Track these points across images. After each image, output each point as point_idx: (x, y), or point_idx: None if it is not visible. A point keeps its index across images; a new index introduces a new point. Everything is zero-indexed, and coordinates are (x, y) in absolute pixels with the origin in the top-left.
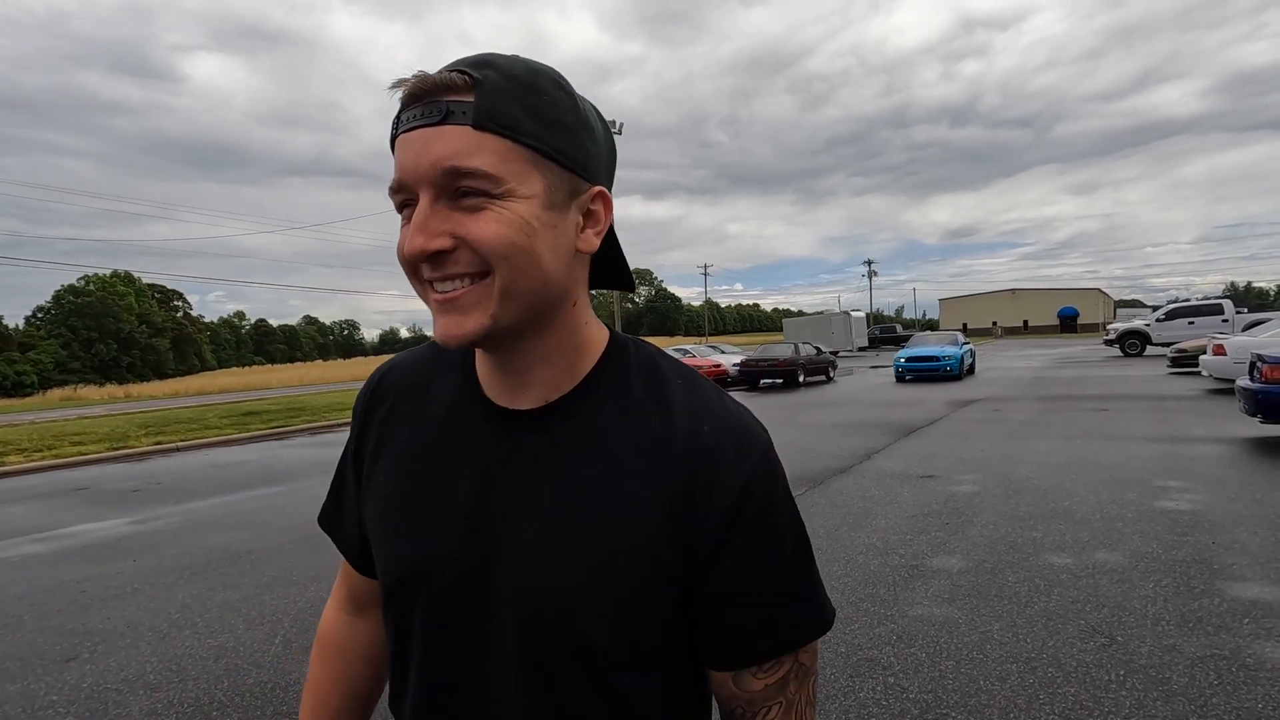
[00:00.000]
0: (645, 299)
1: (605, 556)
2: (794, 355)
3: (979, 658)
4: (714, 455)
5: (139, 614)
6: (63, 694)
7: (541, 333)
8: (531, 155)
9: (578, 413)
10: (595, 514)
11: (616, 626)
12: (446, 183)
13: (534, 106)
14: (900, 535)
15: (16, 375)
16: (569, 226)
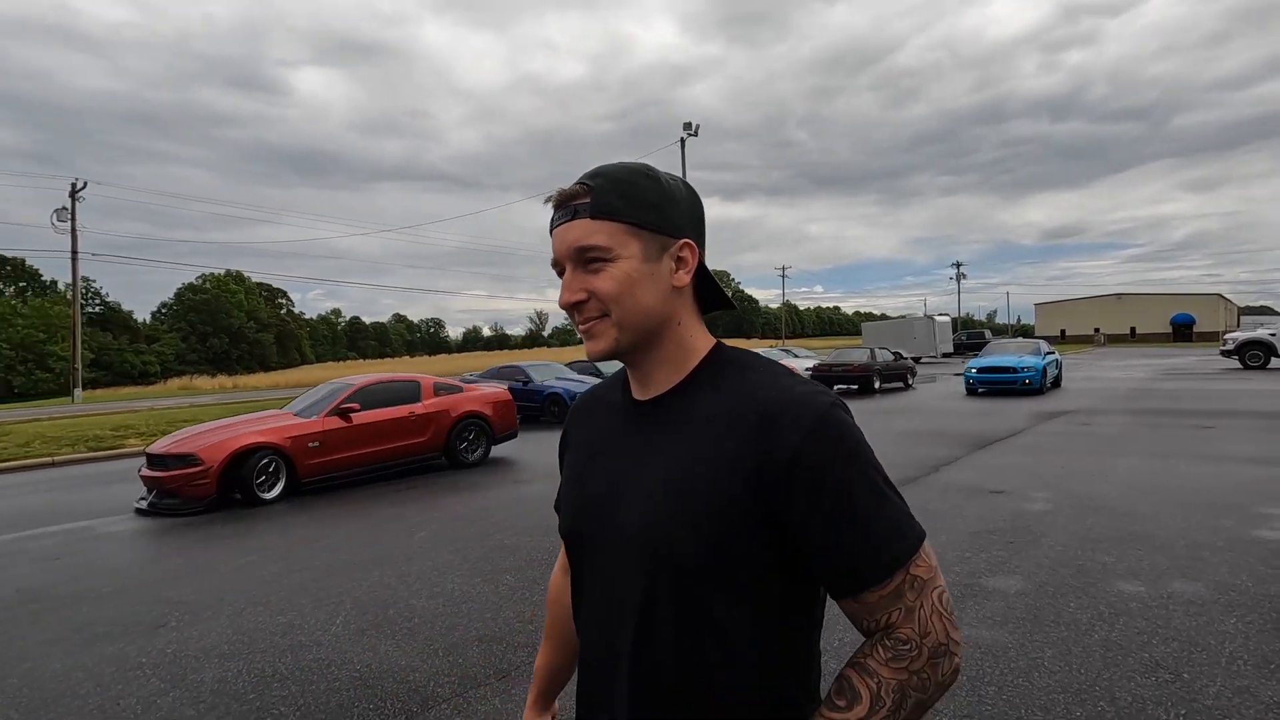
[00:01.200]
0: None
1: (686, 494)
2: (869, 360)
3: (1024, 685)
4: (774, 422)
5: (222, 589)
6: (150, 657)
7: (655, 346)
8: (629, 228)
9: (680, 399)
10: (682, 467)
11: (700, 547)
12: (578, 256)
13: (628, 195)
14: (958, 552)
15: (143, 365)
16: (664, 271)
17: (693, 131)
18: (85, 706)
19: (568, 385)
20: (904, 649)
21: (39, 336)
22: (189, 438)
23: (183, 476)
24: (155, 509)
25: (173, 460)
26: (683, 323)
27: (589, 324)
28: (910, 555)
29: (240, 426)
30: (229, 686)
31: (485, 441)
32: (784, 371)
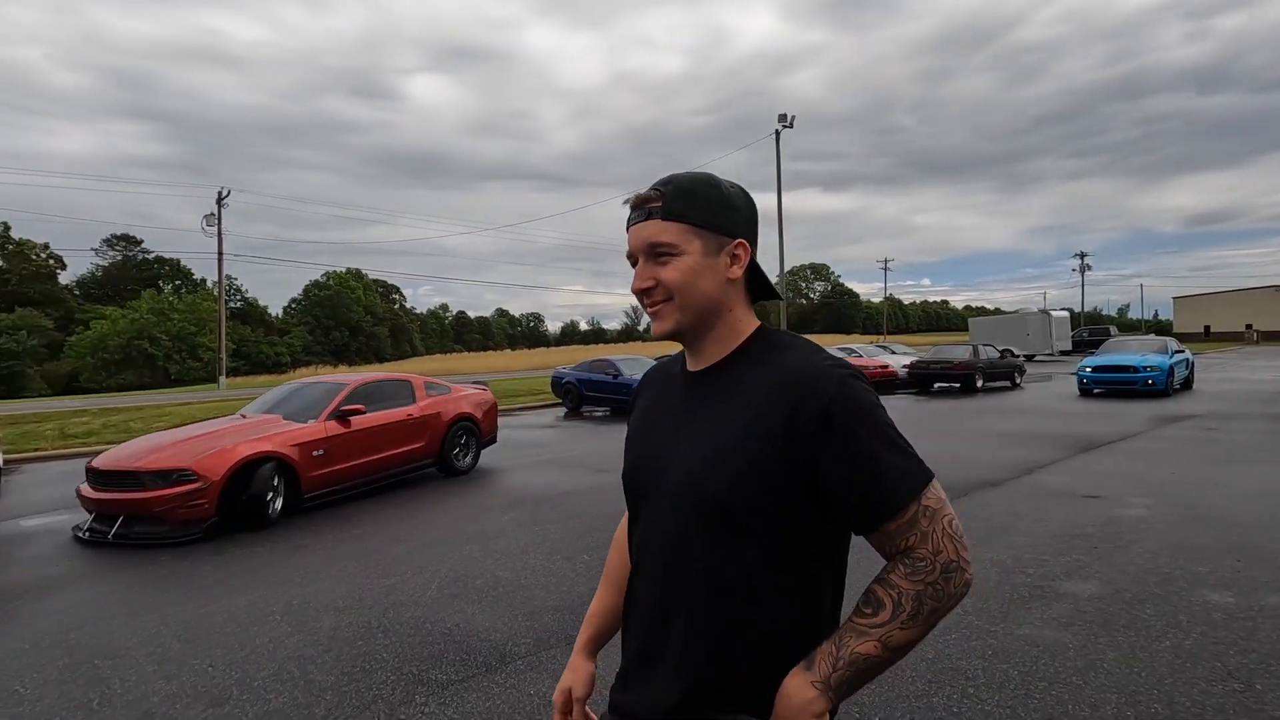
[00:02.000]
0: (821, 295)
1: (727, 449)
2: (971, 358)
3: (1077, 683)
4: (806, 388)
5: (336, 556)
6: (278, 607)
7: (711, 326)
8: (693, 229)
9: (726, 371)
10: (723, 424)
11: (731, 488)
12: (650, 250)
13: (693, 201)
14: (1035, 554)
15: (276, 355)
16: (720, 265)
17: (787, 123)
18: (228, 641)
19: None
20: (920, 565)
21: (191, 329)
22: (165, 449)
23: (172, 497)
24: (124, 539)
25: (152, 478)
26: (734, 309)
27: (656, 307)
28: (921, 490)
29: (228, 434)
30: (341, 634)
31: (475, 446)
32: (816, 349)
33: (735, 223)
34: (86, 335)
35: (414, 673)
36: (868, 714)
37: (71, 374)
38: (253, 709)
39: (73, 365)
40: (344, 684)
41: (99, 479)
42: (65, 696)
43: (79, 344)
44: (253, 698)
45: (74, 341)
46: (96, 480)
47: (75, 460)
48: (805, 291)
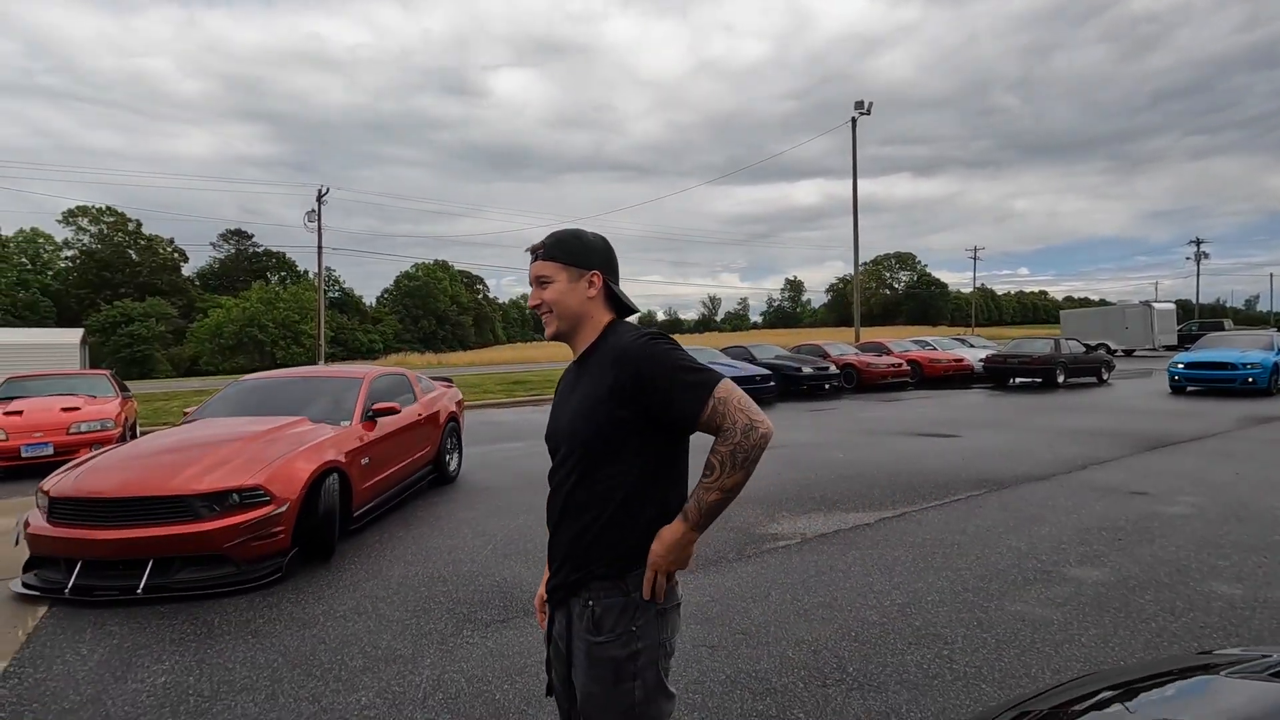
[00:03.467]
0: (906, 285)
1: (584, 408)
2: (1052, 352)
3: (1048, 653)
4: (622, 355)
5: (407, 520)
6: (351, 557)
7: (579, 329)
8: (561, 265)
9: (588, 358)
10: (584, 392)
11: (592, 433)
12: (537, 280)
13: (562, 248)
14: (1055, 544)
15: (369, 342)
16: (581, 287)
17: (865, 110)
18: (316, 581)
19: (720, 369)
20: (727, 434)
21: (295, 317)
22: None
23: (242, 527)
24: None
25: (206, 502)
26: (593, 317)
27: (544, 316)
28: (711, 390)
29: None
30: (409, 581)
31: (460, 449)
32: (630, 330)
33: (590, 260)
34: (205, 322)
35: (464, 613)
36: (845, 664)
37: (193, 358)
38: (335, 631)
39: (194, 350)
40: (407, 618)
41: (93, 511)
42: (190, 611)
43: (199, 330)
44: (335, 623)
45: (195, 328)
46: (86, 513)
47: None
48: (889, 281)
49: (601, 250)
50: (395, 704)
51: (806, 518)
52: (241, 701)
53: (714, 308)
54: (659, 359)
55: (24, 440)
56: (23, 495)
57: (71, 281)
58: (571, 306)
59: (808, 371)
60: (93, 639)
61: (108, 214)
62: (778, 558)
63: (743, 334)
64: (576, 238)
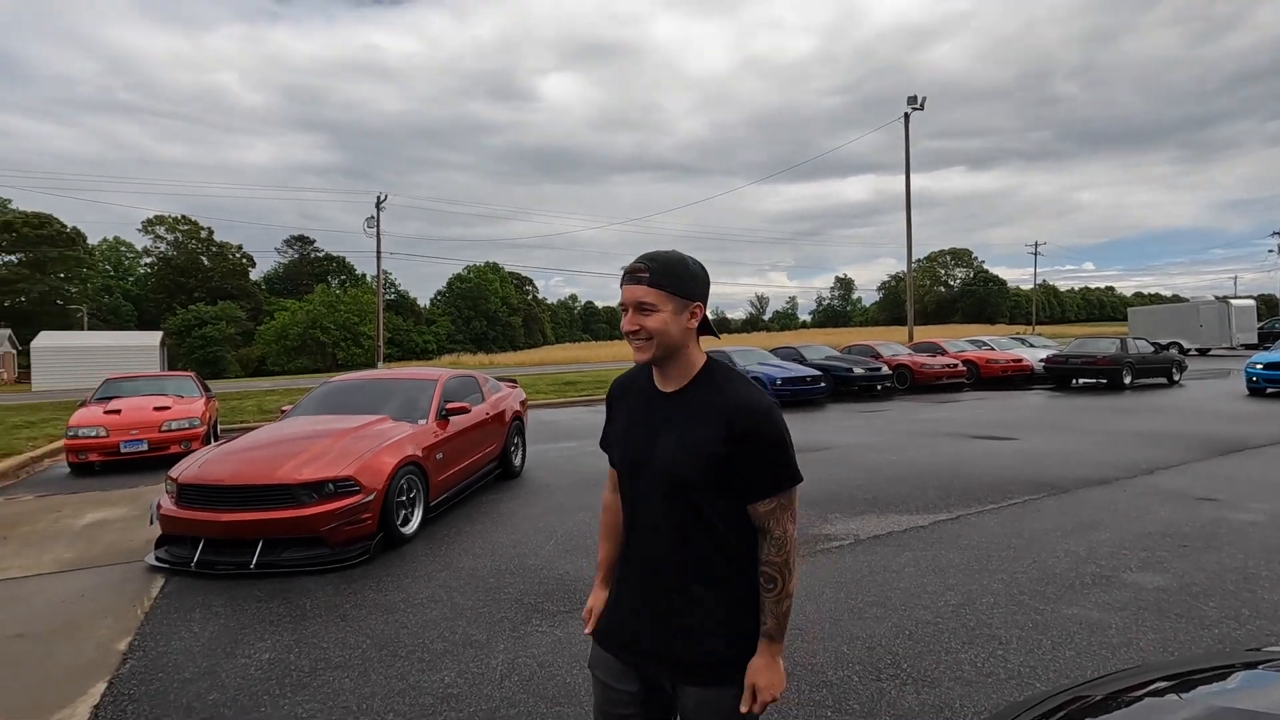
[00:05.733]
0: (962, 282)
1: (691, 445)
2: (1117, 352)
3: (1104, 656)
4: (742, 408)
5: (477, 517)
6: (429, 548)
7: (673, 360)
8: (667, 294)
9: (686, 394)
10: (690, 432)
11: (696, 470)
12: (638, 305)
13: (670, 276)
14: (1114, 549)
15: (424, 343)
16: (684, 319)
17: (918, 105)
18: (395, 570)
19: (768, 370)
20: (777, 542)
21: (354, 319)
22: (302, 456)
23: (336, 513)
24: (271, 567)
25: (306, 490)
26: (689, 348)
27: (639, 343)
28: (795, 484)
29: (352, 436)
30: (478, 573)
31: (523, 446)
32: (746, 383)
33: (695, 291)
34: (271, 325)
35: (532, 603)
36: (899, 660)
37: (260, 358)
38: (414, 617)
39: (261, 351)
40: (479, 607)
41: (215, 497)
42: (285, 596)
43: (265, 332)
44: (413, 610)
45: (262, 330)
46: (210, 498)
47: None
48: (944, 278)
49: (704, 281)
50: (474, 684)
51: (859, 519)
52: (338, 678)
53: (761, 307)
54: (776, 426)
55: (122, 437)
56: (123, 488)
57: (150, 286)
58: (673, 337)
59: (859, 372)
60: (202, 618)
61: (182, 222)
62: (831, 558)
63: (791, 333)
64: (684, 265)
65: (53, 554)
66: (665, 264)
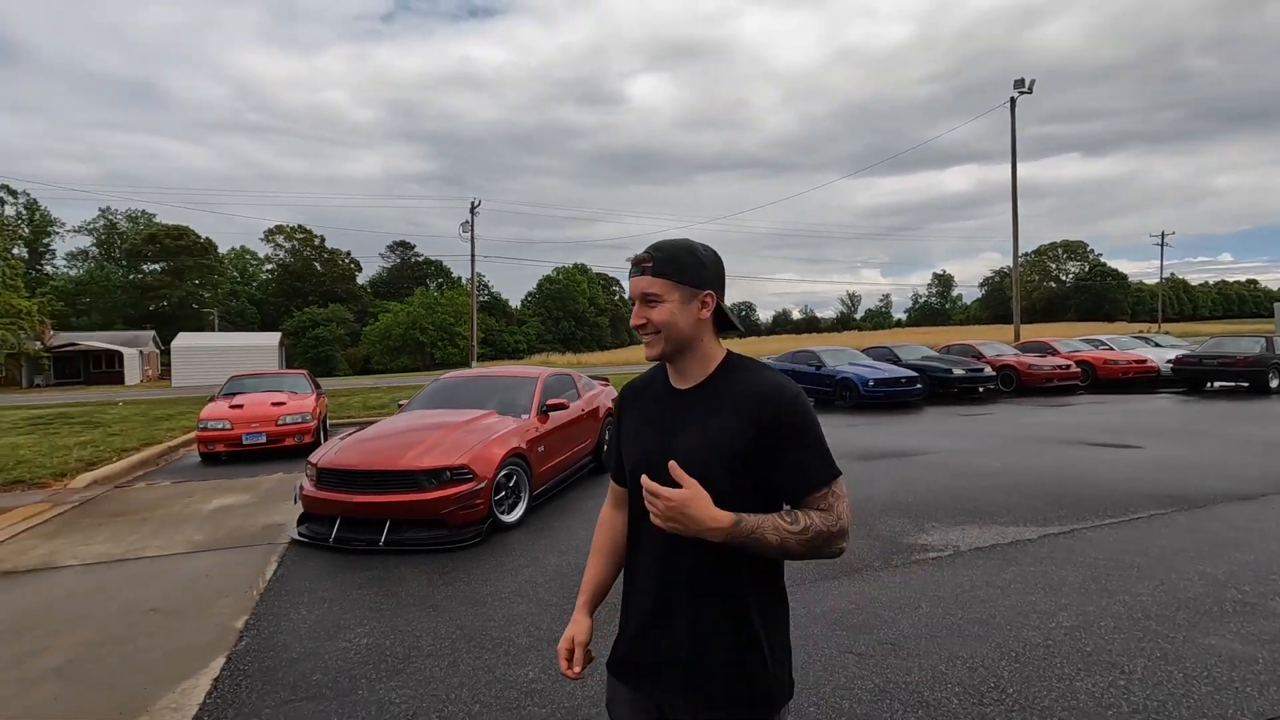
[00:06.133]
0: (1075, 277)
1: (716, 443)
2: (1261, 353)
3: (1249, 694)
4: (764, 397)
5: (564, 514)
6: (515, 547)
7: (687, 354)
8: (673, 283)
9: (704, 389)
10: (708, 427)
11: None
12: (643, 297)
13: (673, 263)
14: (1261, 573)
15: (515, 343)
16: (693, 308)
17: (1026, 88)
18: (482, 563)
19: (859, 371)
20: (830, 518)
21: (450, 320)
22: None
23: (453, 498)
24: (396, 545)
25: (427, 477)
26: (704, 340)
27: (648, 337)
28: (834, 477)
29: (464, 428)
30: (563, 570)
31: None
32: (765, 367)
33: (704, 278)
34: (375, 326)
35: (614, 604)
36: (1004, 684)
37: (365, 357)
38: (501, 611)
39: (366, 350)
40: (564, 604)
41: (349, 480)
42: (381, 585)
43: (370, 333)
44: (500, 604)
45: (367, 331)
46: (344, 482)
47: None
48: (1055, 273)
49: (715, 266)
50: (558, 680)
51: (959, 529)
52: (429, 665)
53: (853, 305)
54: (805, 415)
55: (244, 430)
56: (244, 477)
57: (271, 291)
58: (683, 329)
59: (959, 373)
60: (308, 603)
61: (299, 231)
62: (927, 569)
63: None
64: (690, 252)
65: (184, 535)
66: (669, 252)
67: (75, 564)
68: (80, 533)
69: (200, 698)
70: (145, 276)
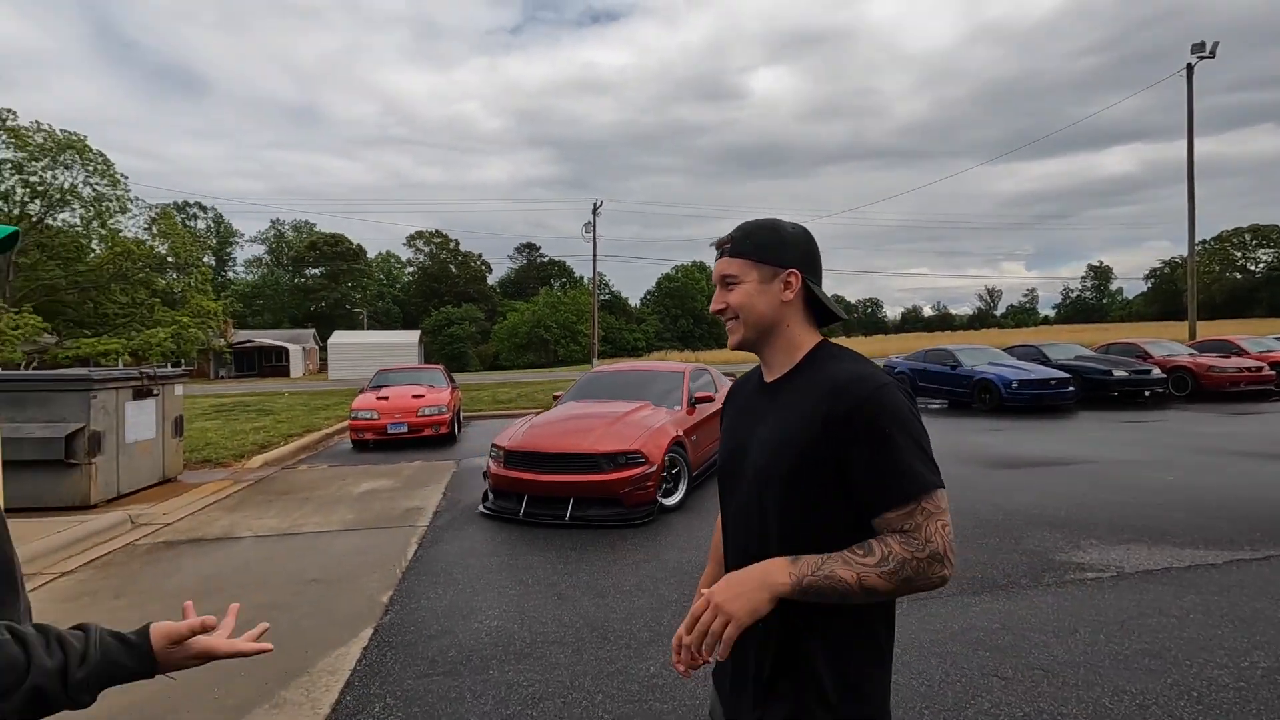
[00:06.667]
0: (1266, 266)
1: (783, 441)
2: None
3: None
4: (840, 390)
5: (686, 510)
6: (636, 542)
7: (770, 342)
8: (751, 263)
9: (790, 381)
10: (783, 424)
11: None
12: (721, 280)
13: (752, 241)
14: None
15: (634, 341)
16: (774, 290)
17: (1207, 53)
18: (601, 557)
19: (1001, 371)
20: (914, 541)
21: (572, 318)
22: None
23: (630, 480)
24: (580, 520)
25: (607, 460)
26: (790, 326)
27: (728, 323)
28: (925, 491)
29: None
30: (683, 567)
31: None
32: (860, 359)
33: (786, 257)
34: (504, 324)
35: None
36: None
37: (494, 354)
38: (622, 604)
39: (495, 348)
40: (683, 600)
41: (537, 461)
42: (510, 572)
43: (499, 331)
44: (622, 597)
45: (496, 329)
46: (532, 462)
47: (503, 419)
48: (1241, 262)
49: (800, 243)
50: (680, 677)
51: (1123, 548)
52: (554, 652)
53: (992, 301)
54: (890, 411)
55: (389, 420)
56: (388, 463)
57: (412, 292)
58: (761, 312)
59: (1120, 375)
60: (444, 584)
61: (436, 236)
62: (1085, 591)
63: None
64: (771, 229)
65: (338, 515)
66: (748, 229)
67: (250, 535)
68: (254, 508)
69: (351, 664)
70: (307, 280)
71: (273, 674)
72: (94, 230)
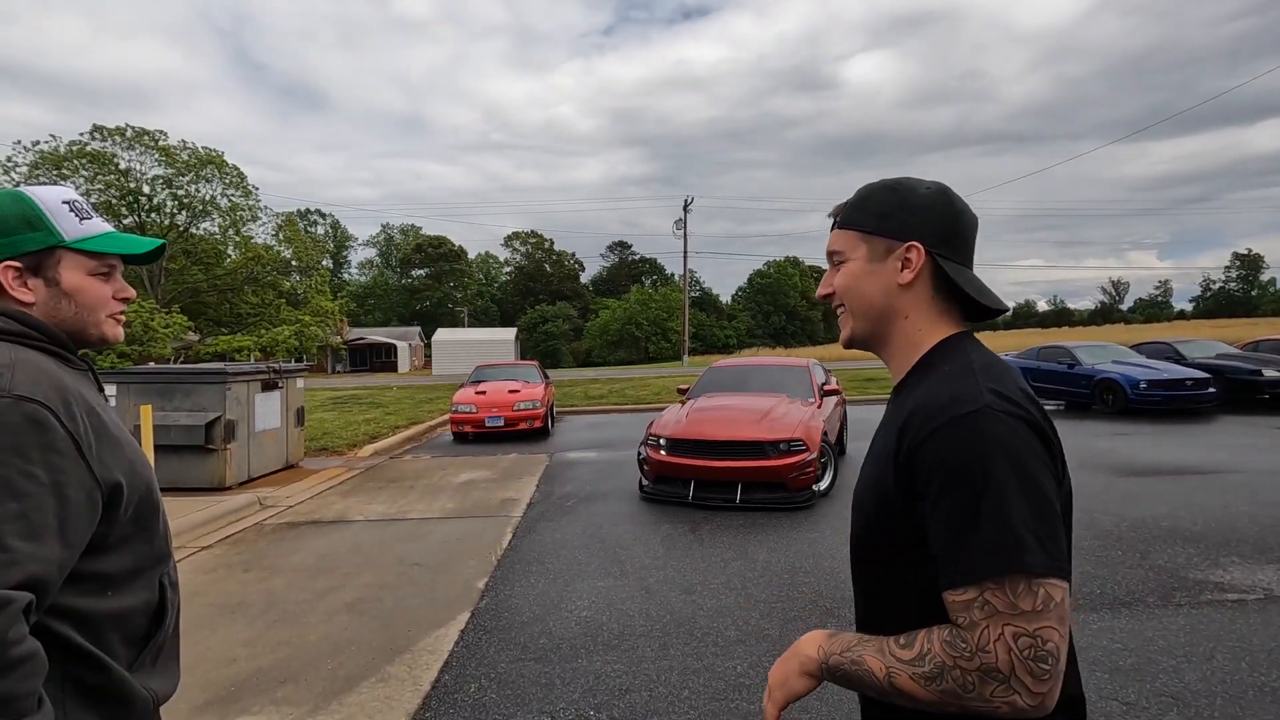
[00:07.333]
0: None
1: (873, 477)
2: None
3: None
4: (913, 418)
5: (773, 510)
6: (725, 540)
7: (886, 339)
8: (860, 235)
9: (898, 395)
10: (875, 454)
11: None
12: (830, 259)
13: (864, 207)
14: None
15: (725, 338)
16: (888, 269)
17: None
18: (691, 555)
19: (1128, 370)
20: (961, 645)
21: (663, 315)
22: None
23: (794, 465)
24: (748, 503)
25: (772, 447)
26: (910, 318)
27: (839, 314)
28: (989, 576)
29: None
30: (772, 567)
31: (845, 428)
32: (960, 374)
33: (907, 226)
34: (596, 321)
35: (827, 607)
36: None
37: (587, 351)
38: (710, 602)
39: (588, 345)
40: (771, 600)
41: (703, 448)
42: (599, 564)
43: (591, 328)
44: (710, 594)
45: (588, 326)
46: (699, 449)
47: (596, 415)
48: None
49: (931, 207)
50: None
51: (1271, 568)
52: (641, 645)
53: (1118, 294)
54: (964, 453)
55: (487, 414)
56: (484, 455)
57: (509, 291)
58: (870, 298)
59: (1271, 375)
60: (537, 572)
61: (532, 236)
62: (1223, 614)
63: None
64: (891, 189)
65: (440, 503)
66: (867, 192)
67: (361, 520)
68: (365, 494)
69: (450, 645)
70: (413, 281)
71: (380, 649)
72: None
